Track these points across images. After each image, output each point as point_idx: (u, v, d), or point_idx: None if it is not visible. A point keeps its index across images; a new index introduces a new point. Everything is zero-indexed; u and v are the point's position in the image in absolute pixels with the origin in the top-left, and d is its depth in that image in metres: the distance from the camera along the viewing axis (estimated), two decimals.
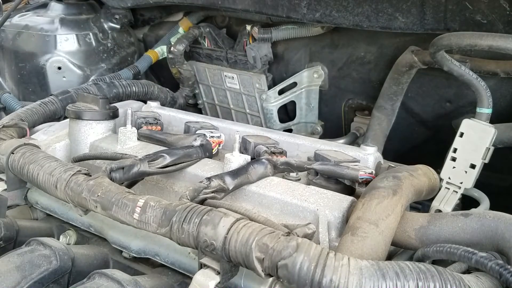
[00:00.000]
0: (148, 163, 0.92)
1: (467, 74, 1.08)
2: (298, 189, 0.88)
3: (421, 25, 1.26)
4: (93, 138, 1.17)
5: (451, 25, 1.22)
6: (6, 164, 0.98)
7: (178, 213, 0.72)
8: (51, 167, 0.89)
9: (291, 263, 0.60)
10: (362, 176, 0.87)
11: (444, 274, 0.58)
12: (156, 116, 1.23)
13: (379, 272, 0.58)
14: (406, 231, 0.78)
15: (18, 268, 0.79)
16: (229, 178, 0.86)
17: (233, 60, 1.83)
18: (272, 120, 1.84)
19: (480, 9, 1.15)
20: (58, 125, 1.29)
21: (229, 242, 0.66)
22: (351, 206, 0.82)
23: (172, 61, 1.92)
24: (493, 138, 1.05)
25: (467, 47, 1.03)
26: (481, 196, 1.09)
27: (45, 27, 1.91)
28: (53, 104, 1.41)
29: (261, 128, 1.20)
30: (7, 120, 1.18)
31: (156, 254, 0.90)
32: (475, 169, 1.06)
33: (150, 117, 1.21)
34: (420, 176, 0.89)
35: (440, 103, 1.47)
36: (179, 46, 1.87)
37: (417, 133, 1.56)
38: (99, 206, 0.80)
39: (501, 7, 1.12)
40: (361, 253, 0.70)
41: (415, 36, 1.40)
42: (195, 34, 1.90)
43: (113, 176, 0.88)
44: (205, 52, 1.92)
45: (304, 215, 0.83)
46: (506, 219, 0.72)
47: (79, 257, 0.88)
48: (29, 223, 1.07)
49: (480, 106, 1.07)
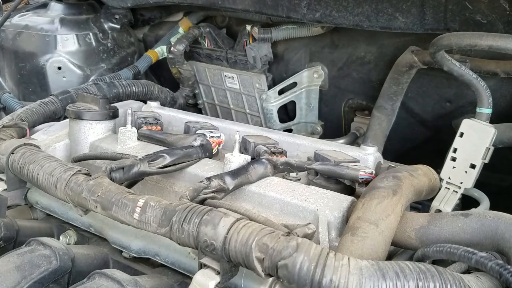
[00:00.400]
0: (148, 163, 0.92)
1: (467, 74, 1.08)
2: (298, 189, 0.88)
3: (421, 25, 1.26)
4: (93, 138, 1.17)
5: (451, 25, 1.22)
6: (6, 164, 0.98)
7: (178, 213, 0.72)
8: (51, 167, 0.89)
9: (291, 263, 0.60)
10: (362, 176, 0.87)
11: (444, 274, 0.58)
12: (156, 116, 1.23)
13: (379, 272, 0.58)
14: (406, 231, 0.78)
15: (18, 268, 0.79)
16: (229, 178, 0.86)
17: (233, 60, 1.83)
18: (272, 120, 1.84)
19: (480, 9, 1.15)
20: (58, 125, 1.29)
21: (229, 242, 0.66)
22: (351, 206, 0.82)
23: (172, 61, 1.92)
24: (493, 138, 1.05)
25: (467, 47, 1.03)
26: (481, 196, 1.09)
27: (45, 27, 1.91)
28: (53, 104, 1.41)
29: (261, 128, 1.20)
30: (7, 120, 1.18)
31: (156, 254, 0.90)
32: (475, 169, 1.06)
33: (150, 117, 1.21)
34: (420, 176, 0.89)
35: (440, 103, 1.47)
36: (179, 46, 1.87)
37: (417, 133, 1.56)
38: (99, 206, 0.80)
39: (501, 7, 1.12)
40: (361, 253, 0.70)
41: (415, 36, 1.40)
42: (195, 34, 1.89)
43: (113, 176, 0.88)
44: (205, 52, 1.92)
45: (304, 215, 0.83)
46: (506, 219, 0.72)
47: (79, 257, 0.88)
48: (29, 223, 1.07)
49: (480, 106, 1.07)
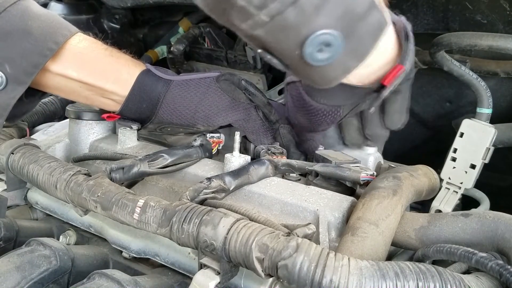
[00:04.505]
0: (148, 163, 0.92)
1: (467, 74, 1.08)
2: (298, 189, 0.88)
3: (421, 25, 1.26)
4: (93, 138, 1.17)
5: (451, 25, 1.22)
6: (6, 164, 0.98)
7: (178, 213, 0.72)
8: (51, 167, 0.89)
9: (291, 263, 0.60)
10: (363, 178, 0.87)
11: (444, 274, 0.58)
12: None
13: (379, 272, 0.58)
14: (406, 231, 0.78)
15: (18, 268, 0.79)
16: (229, 178, 0.86)
17: (233, 60, 1.83)
18: None
19: (480, 9, 1.15)
20: (58, 125, 1.29)
21: (229, 242, 0.66)
22: (351, 207, 0.82)
23: (172, 61, 1.92)
24: (493, 138, 1.05)
25: (467, 47, 1.03)
26: (481, 196, 1.09)
27: None
28: (53, 104, 1.41)
29: None
30: None
31: (156, 254, 0.90)
32: (475, 169, 1.06)
33: None
34: (420, 176, 0.89)
35: (440, 103, 1.47)
36: (179, 46, 1.87)
37: (417, 133, 1.56)
38: (99, 206, 0.80)
39: (501, 7, 1.12)
40: (361, 253, 0.70)
41: (415, 36, 1.40)
42: (195, 34, 1.89)
43: (113, 176, 0.88)
44: (205, 52, 1.91)
45: (304, 215, 0.83)
46: (506, 219, 0.72)
47: (79, 257, 0.88)
48: (29, 223, 1.07)
49: (480, 106, 1.07)
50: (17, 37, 0.88)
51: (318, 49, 0.65)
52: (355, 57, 0.71)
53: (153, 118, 1.03)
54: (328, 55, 0.66)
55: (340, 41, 0.65)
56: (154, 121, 1.04)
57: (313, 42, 0.64)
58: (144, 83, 1.01)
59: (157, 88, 1.01)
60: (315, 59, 0.66)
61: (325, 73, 0.72)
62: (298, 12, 0.61)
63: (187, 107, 1.02)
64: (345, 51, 0.67)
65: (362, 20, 0.66)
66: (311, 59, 0.66)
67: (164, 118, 1.03)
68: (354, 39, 0.67)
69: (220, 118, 1.04)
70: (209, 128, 1.06)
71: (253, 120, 1.06)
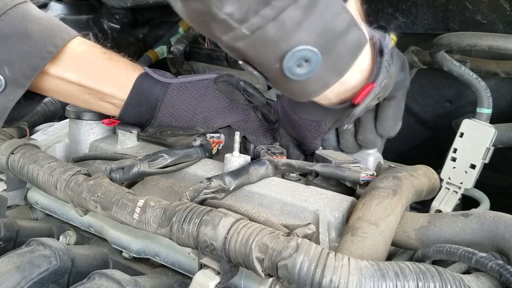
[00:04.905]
0: (148, 163, 0.92)
1: (467, 74, 1.08)
2: (298, 189, 0.88)
3: (421, 25, 1.26)
4: (93, 138, 1.17)
5: (451, 25, 1.22)
6: (6, 164, 0.98)
7: (178, 213, 0.72)
8: (51, 167, 0.89)
9: (291, 263, 0.60)
10: (364, 178, 0.87)
11: (444, 275, 0.58)
12: None
13: (379, 272, 0.58)
14: (406, 231, 0.78)
15: (18, 268, 0.79)
16: (229, 178, 0.86)
17: (233, 60, 1.82)
18: None
19: (480, 9, 1.15)
20: (58, 125, 1.29)
21: (229, 242, 0.66)
22: (351, 207, 0.82)
23: (172, 61, 1.92)
24: (493, 138, 1.05)
25: (467, 47, 1.03)
26: (481, 196, 1.09)
27: None
28: (53, 104, 1.41)
29: None
30: None
31: (156, 254, 0.90)
32: (475, 169, 1.06)
33: None
34: (420, 176, 0.89)
35: (440, 103, 1.47)
36: (179, 46, 1.87)
37: (417, 133, 1.56)
38: (99, 206, 0.80)
39: (501, 7, 1.12)
40: (361, 253, 0.70)
41: (415, 36, 1.41)
42: (195, 34, 1.89)
43: (113, 176, 0.88)
44: (205, 52, 1.91)
45: (304, 215, 0.83)
46: (506, 220, 0.72)
47: (79, 257, 0.88)
48: (29, 223, 1.07)
49: (480, 106, 1.07)
50: (17, 40, 0.88)
51: (297, 64, 0.66)
52: (333, 73, 0.72)
53: (152, 122, 1.03)
54: (307, 70, 0.67)
55: (319, 57, 0.66)
56: (153, 125, 1.04)
57: (293, 57, 0.65)
58: (143, 87, 1.01)
59: (155, 91, 1.01)
60: (294, 73, 0.67)
61: (304, 87, 0.73)
62: (279, 28, 0.62)
63: (186, 109, 1.02)
64: (323, 67, 0.68)
65: (341, 38, 0.67)
66: (290, 73, 0.67)
67: (163, 121, 1.03)
68: (332, 56, 0.68)
69: (219, 119, 1.04)
70: (208, 130, 1.06)
71: (252, 121, 1.06)
